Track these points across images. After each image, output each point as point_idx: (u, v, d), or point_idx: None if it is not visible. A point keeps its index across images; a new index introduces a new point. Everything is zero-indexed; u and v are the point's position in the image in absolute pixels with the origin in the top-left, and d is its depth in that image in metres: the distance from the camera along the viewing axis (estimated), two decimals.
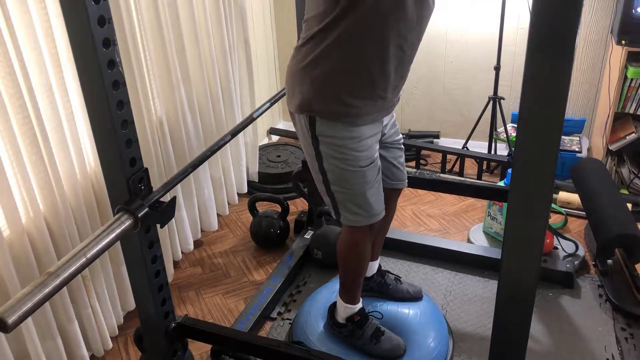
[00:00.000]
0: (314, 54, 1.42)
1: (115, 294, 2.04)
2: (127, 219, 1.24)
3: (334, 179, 1.55)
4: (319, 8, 1.40)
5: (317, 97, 1.45)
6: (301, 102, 1.48)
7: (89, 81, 1.19)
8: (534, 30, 0.89)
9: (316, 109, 1.47)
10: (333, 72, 1.43)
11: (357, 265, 1.75)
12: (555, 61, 0.90)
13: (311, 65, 1.44)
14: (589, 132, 3.11)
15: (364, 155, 1.52)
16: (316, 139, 1.50)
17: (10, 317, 0.96)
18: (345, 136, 1.48)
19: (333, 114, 1.46)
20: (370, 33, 1.39)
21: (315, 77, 1.44)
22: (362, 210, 1.58)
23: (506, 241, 1.10)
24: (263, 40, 3.32)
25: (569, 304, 2.10)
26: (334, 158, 1.51)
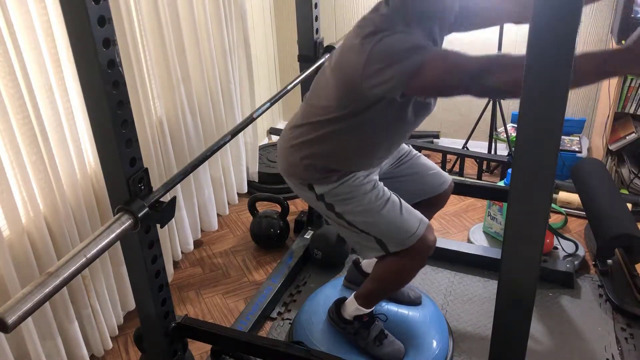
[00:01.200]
0: (307, 137, 1.55)
1: (115, 294, 2.04)
2: (127, 219, 1.24)
3: (352, 218, 1.59)
4: (326, 102, 1.50)
5: (305, 171, 1.58)
6: (294, 174, 1.61)
7: (89, 81, 1.19)
8: (534, 30, 0.89)
9: (308, 180, 1.59)
10: (325, 155, 1.54)
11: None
12: (555, 61, 0.90)
13: (302, 146, 1.56)
14: (589, 132, 3.11)
15: (361, 184, 1.58)
16: (321, 195, 1.59)
17: (10, 317, 0.96)
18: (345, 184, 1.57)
19: (323, 179, 1.57)
20: (367, 134, 1.51)
21: (303, 156, 1.56)
22: (397, 233, 1.57)
23: (506, 241, 1.10)
24: (263, 40, 3.32)
25: (569, 304, 2.10)
26: (340, 200, 1.58)
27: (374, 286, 1.73)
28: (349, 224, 1.60)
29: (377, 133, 1.52)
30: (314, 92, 1.58)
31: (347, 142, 1.52)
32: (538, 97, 0.93)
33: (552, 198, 1.61)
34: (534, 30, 0.89)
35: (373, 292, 1.74)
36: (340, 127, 1.49)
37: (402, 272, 1.65)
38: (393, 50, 1.32)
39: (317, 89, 1.57)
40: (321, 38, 2.15)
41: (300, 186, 1.62)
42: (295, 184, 1.64)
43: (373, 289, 1.74)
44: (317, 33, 2.13)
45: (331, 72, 1.49)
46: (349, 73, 1.40)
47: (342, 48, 1.47)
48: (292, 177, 1.63)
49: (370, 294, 1.75)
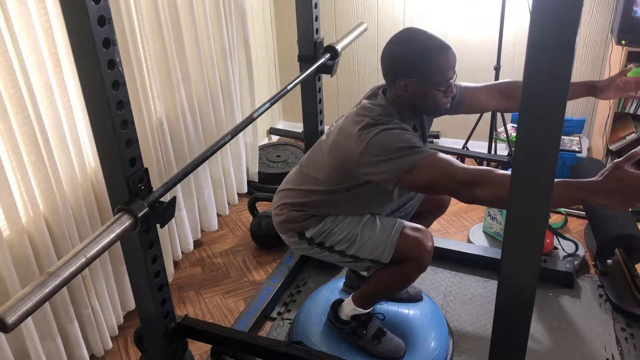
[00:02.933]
0: (300, 200, 1.68)
1: (115, 294, 2.04)
2: (127, 219, 1.24)
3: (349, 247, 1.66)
4: (319, 175, 1.64)
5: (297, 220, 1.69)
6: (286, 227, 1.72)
7: (89, 81, 1.19)
8: (534, 30, 0.89)
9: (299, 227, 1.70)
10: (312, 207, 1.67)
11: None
12: (555, 61, 0.89)
13: (295, 204, 1.69)
14: (589, 132, 3.11)
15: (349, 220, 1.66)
16: (311, 239, 1.69)
17: (10, 317, 0.96)
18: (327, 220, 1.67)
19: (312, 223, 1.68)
20: (355, 204, 1.64)
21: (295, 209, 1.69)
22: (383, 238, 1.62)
23: (506, 241, 1.10)
24: (263, 40, 3.32)
25: (569, 304, 2.10)
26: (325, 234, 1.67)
27: (372, 289, 1.74)
28: (341, 255, 1.67)
29: (364, 205, 1.65)
30: (310, 161, 1.71)
31: (336, 207, 1.65)
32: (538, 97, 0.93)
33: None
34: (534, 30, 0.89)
35: (371, 294, 1.75)
36: (330, 198, 1.63)
37: (400, 278, 1.67)
38: (389, 146, 1.43)
39: (312, 161, 1.70)
40: (321, 38, 2.15)
41: (293, 239, 1.73)
42: (289, 240, 1.75)
43: (371, 292, 1.75)
44: (317, 33, 2.13)
45: (328, 152, 1.61)
46: (346, 158, 1.52)
47: (340, 132, 1.58)
48: (285, 232, 1.74)
49: (368, 297, 1.76)
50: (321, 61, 2.09)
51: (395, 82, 1.51)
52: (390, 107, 1.54)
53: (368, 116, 1.50)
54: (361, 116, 1.52)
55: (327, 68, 2.14)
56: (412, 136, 1.47)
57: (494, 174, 1.32)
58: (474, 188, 1.33)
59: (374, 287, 1.72)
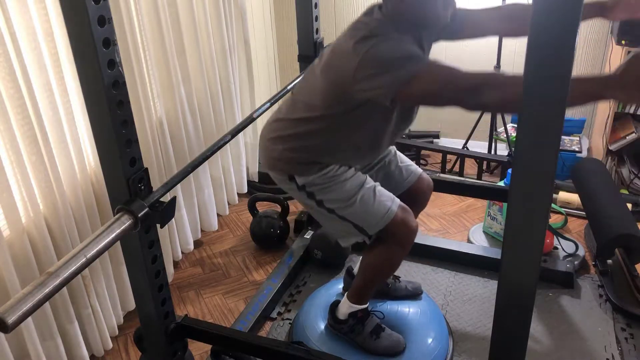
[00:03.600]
0: (293, 131, 1.55)
1: (115, 294, 2.04)
2: (127, 219, 1.24)
3: (332, 204, 1.60)
4: (312, 100, 1.51)
5: (287, 164, 1.59)
6: (275, 167, 1.62)
7: (89, 81, 1.19)
8: (534, 30, 0.89)
9: (290, 171, 1.59)
10: (307, 149, 1.55)
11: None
12: (555, 61, 0.90)
13: (285, 139, 1.57)
14: (589, 132, 3.11)
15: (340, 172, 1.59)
16: (302, 186, 1.60)
17: (10, 317, 0.96)
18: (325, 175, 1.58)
19: (306, 171, 1.58)
20: (351, 135, 1.52)
21: (286, 148, 1.57)
22: (375, 212, 1.59)
23: (506, 241, 1.10)
24: (263, 40, 3.32)
25: (569, 304, 2.10)
26: (320, 187, 1.59)
27: (362, 279, 1.74)
28: (328, 212, 1.62)
29: (361, 135, 1.54)
30: (302, 88, 1.58)
31: (330, 141, 1.54)
32: (538, 97, 0.93)
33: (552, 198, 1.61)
34: (534, 30, 0.89)
35: (362, 285, 1.75)
36: (324, 126, 1.51)
37: (386, 259, 1.66)
38: (386, 57, 1.32)
39: (305, 86, 1.57)
40: (321, 38, 2.15)
41: (282, 178, 1.63)
42: (277, 177, 1.65)
43: (361, 283, 1.75)
44: (317, 33, 2.13)
45: (320, 73, 1.49)
46: (340, 75, 1.40)
47: (334, 49, 1.47)
48: (274, 169, 1.63)
49: (360, 289, 1.76)
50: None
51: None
52: (386, 21, 1.41)
53: (363, 29, 1.38)
54: (356, 30, 1.40)
55: None
56: (411, 46, 1.37)
57: (499, 76, 1.24)
58: (478, 94, 1.24)
59: (364, 275, 1.72)
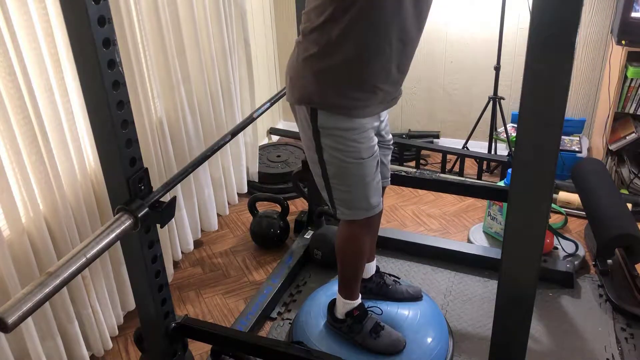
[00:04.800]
0: (315, 48, 1.43)
1: (115, 294, 2.04)
2: (127, 219, 1.24)
3: (333, 172, 1.55)
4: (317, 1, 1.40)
5: (318, 90, 1.46)
6: (302, 95, 1.50)
7: (89, 81, 1.19)
8: (534, 30, 0.89)
9: (317, 102, 1.47)
10: (334, 66, 1.43)
11: (355, 259, 1.75)
12: (555, 61, 0.90)
13: (312, 59, 1.45)
14: (589, 132, 3.11)
15: (364, 147, 1.53)
16: (317, 131, 1.51)
17: (10, 317, 0.96)
18: (347, 127, 1.49)
19: (335, 106, 1.47)
20: (370, 27, 1.39)
21: (316, 71, 1.45)
22: (360, 203, 1.58)
23: (506, 241, 1.10)
24: (263, 40, 3.32)
25: (569, 304, 2.10)
26: (336, 150, 1.51)
27: (339, 266, 1.75)
28: (322, 174, 1.58)
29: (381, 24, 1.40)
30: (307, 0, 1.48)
31: (355, 42, 1.40)
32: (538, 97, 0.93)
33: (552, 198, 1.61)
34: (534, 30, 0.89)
35: (342, 274, 1.76)
36: (341, 24, 1.38)
37: (353, 241, 1.67)
38: None
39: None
40: None
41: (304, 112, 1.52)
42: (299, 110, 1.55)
43: (340, 271, 1.76)
44: None
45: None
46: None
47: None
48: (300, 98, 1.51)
49: (342, 279, 1.77)
50: None
51: None
52: None
53: None
54: None
55: None
56: None
57: None
58: None
59: (339, 263, 1.74)
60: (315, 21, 1.42)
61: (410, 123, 3.41)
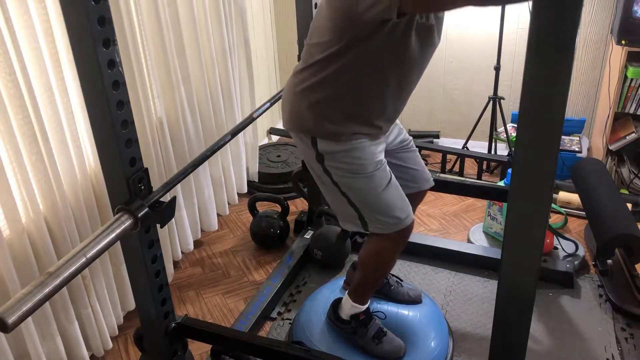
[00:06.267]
0: (314, 80, 1.47)
1: (115, 294, 2.04)
2: (127, 219, 1.24)
3: (347, 190, 1.57)
4: (324, 37, 1.43)
5: (314, 121, 1.50)
6: (299, 125, 1.54)
7: (89, 81, 1.19)
8: (534, 30, 0.89)
9: (314, 131, 1.51)
10: (330, 100, 1.47)
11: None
12: (555, 61, 0.90)
13: (309, 91, 1.48)
14: (589, 132, 3.11)
15: (368, 162, 1.54)
16: (320, 155, 1.54)
17: (10, 317, 0.96)
18: (347, 148, 1.52)
19: (331, 134, 1.50)
20: (371, 70, 1.43)
21: (312, 102, 1.48)
22: (387, 217, 1.57)
23: (506, 241, 1.10)
24: (263, 40, 3.32)
25: (569, 304, 2.10)
26: (341, 169, 1.54)
27: (361, 276, 1.73)
28: (342, 194, 1.58)
29: (382, 69, 1.44)
30: (312, 32, 1.51)
31: (353, 82, 1.45)
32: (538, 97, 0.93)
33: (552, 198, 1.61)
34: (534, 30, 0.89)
35: (361, 282, 1.75)
36: (343, 63, 1.41)
37: (382, 255, 1.66)
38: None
39: (314, 27, 1.51)
40: None
41: (303, 139, 1.55)
42: (298, 137, 1.58)
43: (361, 280, 1.74)
44: None
45: (326, 5, 1.42)
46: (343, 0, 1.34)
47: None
48: (297, 128, 1.56)
49: (359, 286, 1.76)
50: None
51: None
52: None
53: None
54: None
55: None
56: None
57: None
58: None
59: (361, 271, 1.72)
60: (316, 55, 1.45)
61: (410, 123, 3.41)
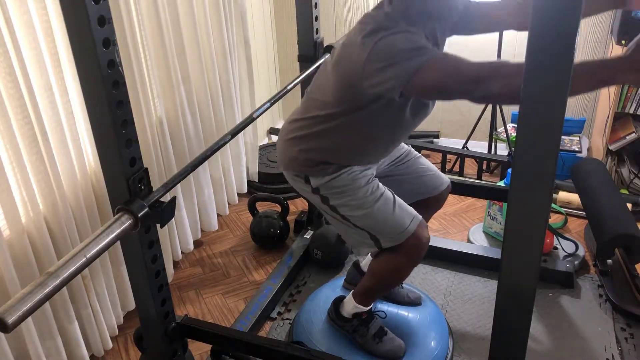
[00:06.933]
0: (307, 132, 1.56)
1: (115, 294, 2.04)
2: (127, 219, 1.24)
3: (348, 213, 1.60)
4: (325, 97, 1.52)
5: (304, 162, 1.58)
6: (291, 166, 1.62)
7: (89, 81, 1.19)
8: (534, 30, 0.89)
9: (306, 171, 1.60)
10: (320, 148, 1.56)
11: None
12: (555, 61, 0.90)
13: (302, 139, 1.58)
14: (589, 132, 3.11)
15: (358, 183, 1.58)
16: (316, 189, 1.60)
17: (10, 317, 0.96)
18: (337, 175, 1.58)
19: (321, 170, 1.58)
20: (363, 132, 1.53)
21: (303, 149, 1.58)
22: (390, 228, 1.58)
23: (506, 241, 1.10)
24: (263, 40, 3.32)
25: (569, 304, 2.10)
26: (336, 195, 1.59)
27: (371, 283, 1.73)
28: (343, 218, 1.61)
29: (375, 132, 1.54)
30: (315, 85, 1.59)
31: (344, 139, 1.53)
32: (538, 97, 0.93)
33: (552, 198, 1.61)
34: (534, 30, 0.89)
35: (370, 289, 1.74)
36: (338, 123, 1.50)
37: (397, 269, 1.65)
38: (394, 49, 1.31)
39: (317, 83, 1.58)
40: (321, 38, 2.15)
41: (297, 178, 1.63)
42: (292, 177, 1.65)
43: (369, 286, 1.74)
44: (317, 33, 2.13)
45: (332, 68, 1.49)
46: (350, 70, 1.40)
47: (344, 44, 1.47)
48: (290, 169, 1.63)
49: (367, 292, 1.75)
50: (321, 61, 2.09)
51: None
52: (396, 13, 1.40)
53: (372, 23, 1.38)
54: (365, 24, 1.40)
55: None
56: (419, 37, 1.36)
57: (506, 66, 1.22)
58: (488, 84, 1.23)
59: (372, 280, 1.71)
60: (314, 111, 1.54)
61: None
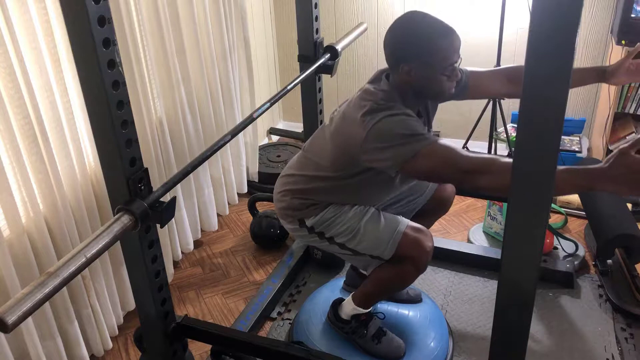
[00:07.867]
0: (301, 187, 1.67)
1: (115, 294, 2.04)
2: (127, 219, 1.24)
3: (349, 241, 1.65)
4: (322, 160, 1.62)
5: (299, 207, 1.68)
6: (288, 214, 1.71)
7: (89, 81, 1.19)
8: (534, 30, 0.89)
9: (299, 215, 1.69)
10: (312, 201, 1.66)
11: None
12: (555, 61, 0.89)
13: (295, 192, 1.69)
14: (589, 132, 3.11)
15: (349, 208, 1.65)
16: (311, 228, 1.68)
17: (10, 317, 0.96)
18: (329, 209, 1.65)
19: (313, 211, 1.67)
20: (354, 193, 1.63)
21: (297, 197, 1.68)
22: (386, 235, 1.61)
23: (506, 241, 1.10)
24: (263, 40, 3.32)
25: (569, 304, 2.10)
26: (329, 226, 1.66)
27: (372, 288, 1.73)
28: (341, 247, 1.67)
29: (364, 193, 1.64)
30: (312, 146, 1.70)
31: (336, 196, 1.64)
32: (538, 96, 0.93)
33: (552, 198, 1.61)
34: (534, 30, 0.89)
35: (371, 294, 1.75)
36: (332, 184, 1.61)
37: (400, 278, 1.66)
38: (392, 133, 1.41)
39: (315, 145, 1.69)
40: (321, 38, 2.15)
41: (295, 227, 1.71)
42: (291, 228, 1.74)
43: (371, 291, 1.74)
44: (317, 33, 2.13)
45: (330, 137, 1.59)
46: (348, 143, 1.50)
47: (344, 116, 1.56)
48: (287, 218, 1.72)
49: (368, 296, 1.76)
50: (321, 61, 2.09)
51: (399, 66, 1.48)
52: (393, 92, 1.50)
53: (371, 101, 1.47)
54: (364, 101, 1.49)
55: (327, 68, 2.14)
56: (416, 123, 1.44)
57: (499, 162, 1.29)
58: (477, 177, 1.31)
59: (373, 286, 1.72)
60: (310, 170, 1.66)
61: None
